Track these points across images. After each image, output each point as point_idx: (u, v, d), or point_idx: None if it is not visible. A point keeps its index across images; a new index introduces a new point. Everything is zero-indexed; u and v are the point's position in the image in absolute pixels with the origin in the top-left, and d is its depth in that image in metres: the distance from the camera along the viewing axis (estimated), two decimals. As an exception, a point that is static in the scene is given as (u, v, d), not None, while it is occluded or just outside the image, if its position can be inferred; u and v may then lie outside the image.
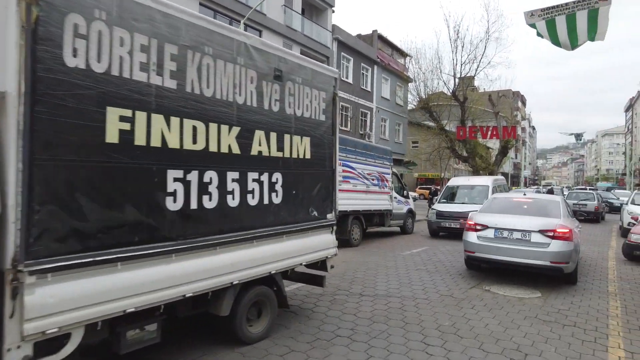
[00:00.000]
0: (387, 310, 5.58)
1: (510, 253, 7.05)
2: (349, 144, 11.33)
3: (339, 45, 26.85)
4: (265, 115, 4.26)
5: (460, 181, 15.30)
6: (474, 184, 14.43)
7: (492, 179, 14.62)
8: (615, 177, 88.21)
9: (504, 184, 16.10)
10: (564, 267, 6.81)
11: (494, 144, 34.72)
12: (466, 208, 12.56)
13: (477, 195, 13.59)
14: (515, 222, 7.27)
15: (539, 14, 9.47)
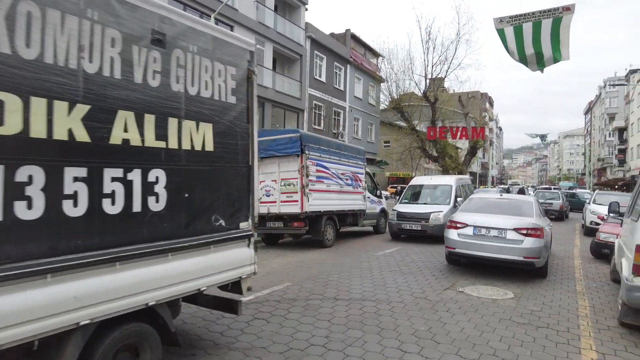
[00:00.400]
0: (362, 315, 5.44)
1: (487, 249, 7.66)
2: (323, 143, 11.17)
3: (312, 44, 26.65)
4: (136, 92, 3.14)
5: (423, 180, 14.71)
6: (437, 184, 13.82)
7: (455, 178, 14.10)
8: (575, 176, 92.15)
9: (469, 183, 15.76)
10: (536, 262, 7.46)
11: (463, 144, 35.43)
12: (428, 209, 12.27)
13: (440, 195, 13.09)
14: (492, 221, 7.88)
15: (507, 20, 9.72)
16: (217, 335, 4.68)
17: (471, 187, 15.75)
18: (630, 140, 51.20)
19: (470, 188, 15.37)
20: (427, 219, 11.87)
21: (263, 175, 10.69)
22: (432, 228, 11.76)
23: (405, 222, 12.41)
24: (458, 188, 13.26)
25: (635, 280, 4.79)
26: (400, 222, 12.50)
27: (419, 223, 12.02)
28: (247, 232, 4.20)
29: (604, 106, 65.63)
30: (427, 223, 11.88)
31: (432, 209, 12.16)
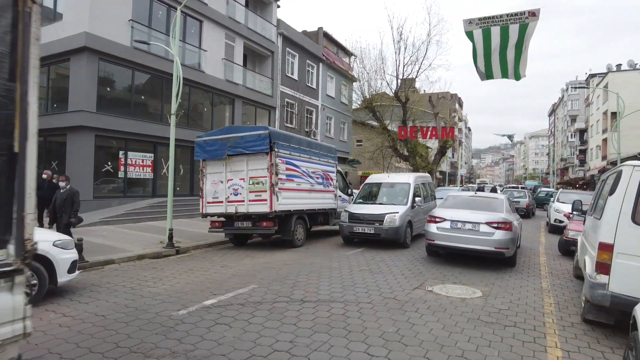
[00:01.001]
0: (329, 317, 5.27)
1: (463, 241, 8.59)
2: (293, 141, 10.96)
3: (284, 41, 26.32)
4: None
5: (380, 178, 13.27)
6: (395, 182, 12.56)
7: (414, 176, 12.85)
8: (540, 176, 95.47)
9: (430, 182, 14.80)
10: (505, 252, 8.46)
11: (433, 143, 35.94)
12: (383, 209, 10.99)
13: (398, 194, 11.95)
14: (467, 216, 8.78)
15: (476, 22, 9.87)
16: (175, 342, 4.40)
17: (432, 186, 14.96)
18: (590, 142, 53.37)
19: (431, 187, 14.65)
20: (381, 221, 10.65)
21: (231, 174, 10.39)
22: (387, 231, 10.56)
23: (358, 225, 10.95)
24: (417, 187, 12.32)
25: (598, 278, 4.82)
26: (352, 224, 11.08)
27: (372, 225, 10.73)
28: (10, 267, 2.50)
29: (566, 108, 68.21)
30: (380, 225, 10.62)
31: (387, 209, 10.94)
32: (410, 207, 11.36)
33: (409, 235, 11.21)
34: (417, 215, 11.82)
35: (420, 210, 12.11)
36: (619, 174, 4.93)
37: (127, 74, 17.01)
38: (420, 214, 12.04)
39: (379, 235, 10.70)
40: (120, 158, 16.80)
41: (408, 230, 11.16)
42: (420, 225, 11.95)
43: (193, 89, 20.10)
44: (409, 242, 11.20)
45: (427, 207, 12.63)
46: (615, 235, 4.71)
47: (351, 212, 11.34)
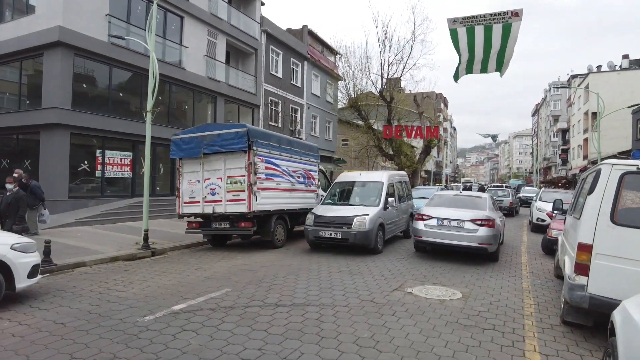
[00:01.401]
0: (303, 322, 5.05)
1: (449, 237, 9.05)
2: (273, 139, 10.70)
3: (268, 38, 26.00)
4: None
5: (351, 177, 12.17)
6: (366, 181, 11.53)
7: (388, 174, 11.73)
8: (524, 175, 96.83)
9: (406, 180, 13.74)
10: (488, 248, 8.94)
11: (418, 142, 36.05)
12: (352, 211, 10.02)
13: (369, 195, 10.96)
14: (453, 214, 9.24)
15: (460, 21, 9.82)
16: (136, 351, 4.13)
17: (408, 185, 13.85)
18: (572, 141, 54.25)
19: (408, 186, 13.63)
20: (349, 224, 9.59)
21: (208, 173, 10.10)
22: (355, 236, 9.49)
23: (324, 229, 9.90)
24: (391, 186, 11.37)
25: (577, 279, 4.71)
26: (317, 228, 10.01)
27: (340, 229, 9.68)
28: None
29: (549, 108, 69.24)
30: (349, 229, 9.55)
31: (357, 211, 9.97)
32: (382, 209, 10.34)
33: (380, 240, 10.12)
34: (390, 216, 10.96)
35: (395, 211, 11.36)
36: (597, 172, 4.82)
37: (104, 71, 16.52)
38: (395, 215, 11.37)
39: (347, 241, 9.61)
40: (97, 157, 16.32)
41: (380, 233, 10.05)
42: (395, 227, 11.54)
43: (174, 86, 19.68)
44: (380, 246, 10.09)
45: (402, 208, 12.21)
46: (594, 235, 4.60)
47: (317, 215, 10.24)
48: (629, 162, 4.66)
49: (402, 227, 12.45)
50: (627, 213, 4.54)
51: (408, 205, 13.07)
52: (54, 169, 14.58)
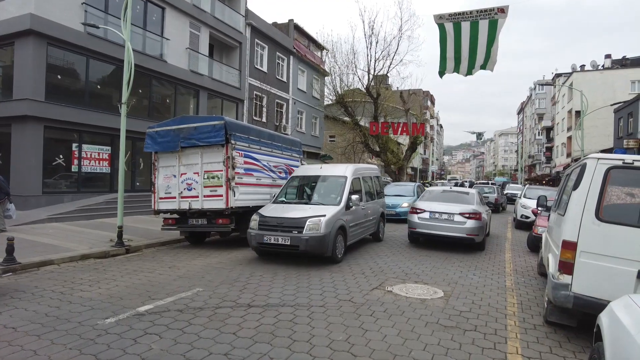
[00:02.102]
0: (275, 324, 4.77)
1: (440, 228, 9.91)
2: (252, 132, 10.36)
3: (253, 32, 25.53)
4: None
5: (310, 170, 10.44)
6: (327, 175, 9.79)
7: (353, 167, 9.95)
8: (509, 172, 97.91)
9: (377, 175, 11.98)
10: (475, 238, 9.81)
11: (404, 139, 35.99)
12: (307, 211, 8.23)
13: (330, 191, 9.34)
14: (444, 207, 10.11)
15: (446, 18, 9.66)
16: (90, 358, 3.80)
17: (380, 180, 12.17)
18: (556, 139, 54.87)
19: (379, 181, 12.07)
20: (300, 228, 7.83)
21: (184, 167, 9.73)
22: (307, 242, 7.67)
23: (270, 233, 8.00)
24: (356, 182, 9.84)
25: (561, 278, 4.52)
26: (262, 232, 8.10)
27: (288, 234, 7.87)
28: None
29: (534, 107, 69.96)
30: (299, 234, 7.78)
31: (312, 211, 8.21)
32: (343, 208, 8.63)
33: (340, 246, 8.36)
34: (355, 217, 9.21)
35: (361, 210, 9.64)
36: (582, 167, 4.63)
37: (81, 62, 15.93)
38: (361, 215, 9.64)
39: (297, 248, 7.82)
40: (73, 151, 15.75)
41: (340, 238, 8.31)
42: (362, 230, 9.83)
43: (155, 80, 19.14)
44: (339, 254, 8.33)
45: (371, 207, 10.50)
46: (578, 232, 4.41)
47: (263, 216, 8.42)
48: (615, 157, 4.47)
49: (370, 229, 10.63)
50: (612, 209, 4.36)
51: (379, 204, 11.38)
52: (27, 163, 14.00)
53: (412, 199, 15.82)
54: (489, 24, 9.49)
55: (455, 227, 9.76)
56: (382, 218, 11.64)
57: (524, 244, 11.72)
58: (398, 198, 16.74)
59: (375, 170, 12.29)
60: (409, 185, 19.56)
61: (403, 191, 17.86)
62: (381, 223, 11.48)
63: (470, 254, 9.76)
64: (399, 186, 19.19)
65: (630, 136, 29.07)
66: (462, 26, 9.67)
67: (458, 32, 9.74)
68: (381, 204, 11.73)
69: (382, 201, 11.90)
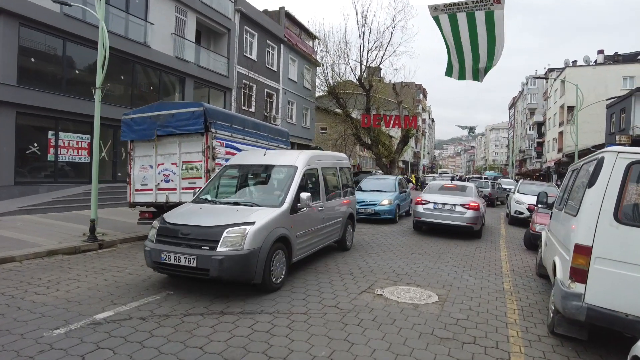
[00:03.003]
0: (249, 336, 4.20)
1: (443, 217, 11.19)
2: (236, 121, 9.70)
3: (242, 18, 24.68)
4: None
5: (251, 158, 7.71)
6: (272, 164, 7.32)
7: (308, 155, 7.38)
8: (500, 167, 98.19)
9: (345, 166, 9.45)
10: (474, 227, 11.14)
11: (396, 132, 35.49)
12: (227, 217, 5.65)
13: (273, 187, 7.03)
14: (446, 199, 11.40)
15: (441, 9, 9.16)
16: (24, 382, 3.21)
17: (350, 173, 9.90)
18: (547, 134, 54.84)
19: (349, 174, 9.70)
20: (213, 242, 5.28)
21: (162, 157, 9.06)
22: (221, 264, 5.09)
23: (171, 249, 5.42)
24: (311, 175, 7.37)
25: (572, 287, 4.01)
26: (161, 246, 5.55)
27: (196, 251, 5.27)
28: None
29: (525, 102, 69.89)
30: (211, 251, 5.21)
31: (236, 217, 5.67)
32: (287, 211, 6.13)
33: (279, 267, 5.81)
34: (307, 223, 6.77)
35: (318, 213, 7.23)
36: (599, 161, 4.11)
37: (57, 45, 15.06)
38: (316, 220, 7.19)
39: (207, 273, 5.18)
40: (49, 139, 14.95)
41: (278, 256, 5.78)
42: (317, 239, 7.32)
43: (138, 66, 18.31)
44: (277, 279, 5.78)
45: (334, 208, 8.16)
46: (594, 236, 3.89)
47: (165, 222, 5.85)
48: (637, 150, 3.95)
49: (333, 236, 8.22)
50: (633, 210, 3.85)
51: (344, 203, 8.84)
52: (-3, 151, 13.19)
53: (394, 194, 14.59)
54: (486, 16, 9.01)
55: (457, 216, 11.05)
56: (351, 221, 9.26)
57: (519, 241, 11.31)
58: (377, 194, 14.60)
59: (343, 160, 9.72)
60: (390, 179, 16.67)
61: (383, 186, 15.51)
62: (349, 227, 9.10)
63: (464, 252, 9.28)
64: (378, 180, 16.71)
65: (623, 132, 28.88)
66: (458, 17, 9.18)
67: (455, 23, 9.24)
68: (351, 204, 9.33)
69: (352, 199, 9.53)
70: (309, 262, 7.63)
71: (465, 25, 9.22)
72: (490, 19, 9.00)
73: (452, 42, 9.40)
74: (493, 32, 9.12)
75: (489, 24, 9.04)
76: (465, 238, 11.34)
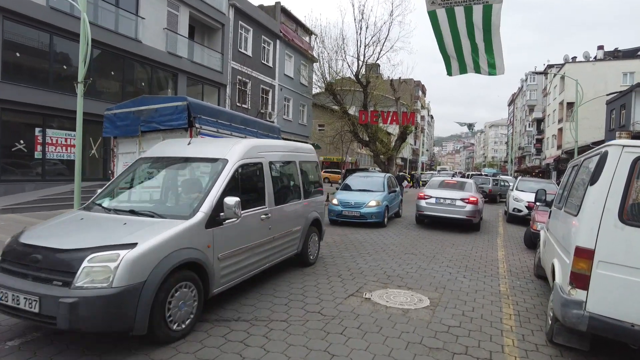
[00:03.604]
0: (221, 346, 3.86)
1: (444, 211, 11.92)
2: (222, 116, 9.30)
3: (237, 13, 24.27)
4: None
5: (169, 149, 5.82)
6: (193, 156, 5.48)
7: (246, 146, 5.51)
8: (499, 164, 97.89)
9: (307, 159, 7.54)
10: (473, 220, 11.86)
11: (394, 129, 35.14)
12: (103, 235, 3.92)
13: (188, 190, 5.15)
14: (447, 194, 12.13)
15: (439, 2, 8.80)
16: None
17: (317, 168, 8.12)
18: (546, 131, 54.48)
19: (316, 170, 8.01)
20: (69, 275, 3.49)
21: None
22: (74, 311, 3.28)
23: (9, 285, 3.58)
24: (250, 172, 5.56)
25: (573, 293, 3.68)
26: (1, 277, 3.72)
27: (41, 289, 3.46)
28: None
29: (525, 98, 69.48)
30: (61, 292, 3.39)
31: (114, 235, 3.87)
32: (202, 224, 4.33)
33: (183, 308, 4.02)
34: (238, 238, 4.91)
35: (255, 223, 5.28)
36: (602, 156, 3.76)
37: (44, 39, 14.68)
38: (260, 231, 5.40)
39: (54, 322, 3.37)
40: (37, 136, 14.60)
41: (183, 293, 4.00)
42: (263, 257, 5.50)
43: (129, 61, 17.93)
44: (179, 326, 3.99)
45: (288, 213, 6.31)
46: (597, 238, 3.55)
47: (16, 242, 4.05)
48: (645, 143, 3.61)
49: (289, 250, 6.45)
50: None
51: (309, 206, 7.20)
52: (-19, 148, 12.84)
53: (382, 194, 12.69)
54: (484, 9, 8.67)
55: (457, 210, 11.75)
56: (317, 228, 7.47)
57: (518, 240, 10.99)
58: (364, 194, 12.69)
59: (306, 151, 7.77)
60: (378, 176, 14.67)
61: (370, 184, 13.54)
62: (314, 236, 7.33)
63: (460, 252, 8.95)
64: (365, 178, 14.63)
65: (623, 128, 28.53)
66: (456, 11, 8.83)
67: (452, 18, 8.88)
68: (315, 206, 7.48)
69: (317, 200, 7.68)
70: (297, 260, 7.28)
71: (463, 18, 8.91)
72: (487, 14, 8.67)
73: (450, 36, 9.07)
74: (489, 25, 8.80)
75: (485, 20, 8.72)
76: (462, 237, 11.02)
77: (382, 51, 27.03)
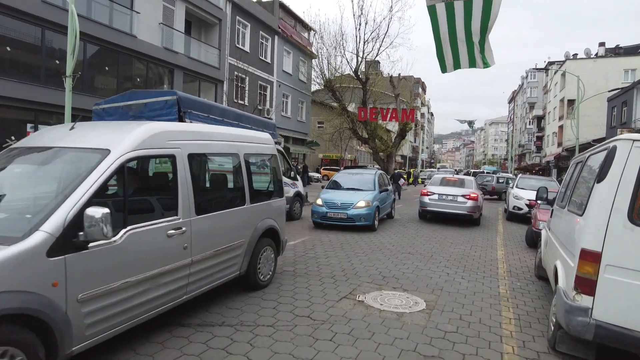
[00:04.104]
0: (202, 354, 3.62)
1: (446, 207, 12.54)
2: (215, 111, 8.97)
3: (234, 8, 23.96)
4: None
5: (43, 137, 4.14)
6: (66, 147, 3.70)
7: (146, 131, 3.84)
8: (499, 161, 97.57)
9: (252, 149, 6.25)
10: (473, 215, 12.44)
11: (393, 126, 34.82)
12: None
13: (42, 195, 3.50)
14: (449, 191, 12.74)
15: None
16: None
17: (277, 161, 6.66)
18: (547, 128, 54.14)
19: (275, 164, 6.56)
20: None
21: (133, 150, 8.39)
22: None
23: None
24: (150, 168, 5.19)
25: (578, 299, 3.42)
26: None
27: None
28: None
29: (525, 95, 69.10)
30: None
31: None
32: (37, 250, 2.71)
33: None
34: (115, 268, 3.26)
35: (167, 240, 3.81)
36: (610, 152, 3.50)
37: (36, 33, 14.38)
38: (164, 253, 3.79)
39: None
40: (28, 132, 14.29)
41: None
42: (169, 291, 3.91)
43: (123, 56, 17.62)
44: None
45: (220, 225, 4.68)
46: (604, 240, 3.30)
47: None
48: (657, 137, 3.34)
49: (222, 274, 4.84)
50: (651, 209, 3.24)
51: (253, 215, 5.46)
52: (-29, 144, 12.57)
53: (373, 194, 11.35)
54: (484, 3, 8.47)
55: (458, 205, 12.34)
56: (273, 241, 5.93)
57: (518, 239, 10.75)
58: (352, 193, 11.40)
59: (257, 141, 6.56)
60: (368, 174, 13.01)
61: (360, 183, 12.19)
62: (267, 250, 5.71)
63: (459, 251, 8.71)
64: (354, 175, 13.06)
65: (624, 125, 28.24)
66: (455, 5, 8.61)
67: (451, 12, 8.65)
68: (270, 212, 5.94)
69: (274, 205, 6.14)
70: (291, 262, 7.04)
71: (462, 13, 8.72)
72: (487, 6, 8.49)
73: (447, 31, 8.86)
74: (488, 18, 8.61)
75: (485, 13, 8.55)
76: (461, 235, 10.77)
77: (382, 47, 26.81)
